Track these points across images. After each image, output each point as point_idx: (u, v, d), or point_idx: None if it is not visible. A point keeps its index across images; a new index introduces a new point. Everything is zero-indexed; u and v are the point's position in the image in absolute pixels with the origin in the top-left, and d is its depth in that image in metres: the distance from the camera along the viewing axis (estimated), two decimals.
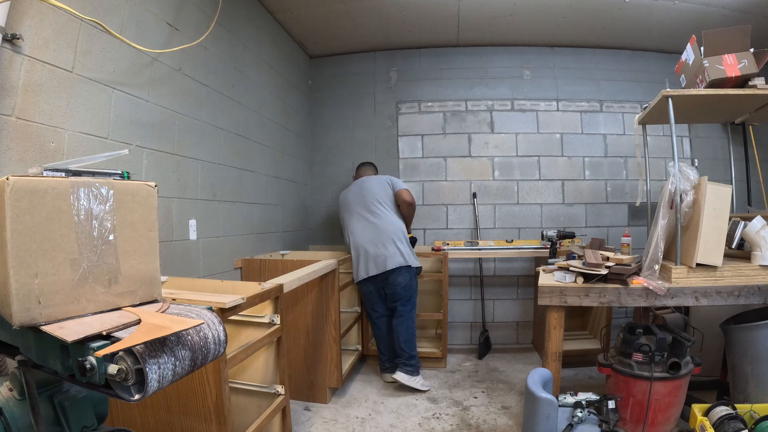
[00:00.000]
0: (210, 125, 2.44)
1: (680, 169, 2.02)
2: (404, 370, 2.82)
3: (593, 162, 3.84)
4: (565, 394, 1.98)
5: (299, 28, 3.48)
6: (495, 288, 3.86)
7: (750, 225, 2.04)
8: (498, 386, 2.94)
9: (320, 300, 2.65)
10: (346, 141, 4.00)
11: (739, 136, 3.54)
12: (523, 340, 3.86)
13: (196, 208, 2.31)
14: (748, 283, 1.98)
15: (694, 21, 3.17)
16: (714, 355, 2.55)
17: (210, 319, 0.90)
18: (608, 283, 2.06)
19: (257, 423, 1.67)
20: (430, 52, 3.93)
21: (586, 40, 3.73)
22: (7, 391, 0.92)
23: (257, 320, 1.86)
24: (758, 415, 1.85)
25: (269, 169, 3.18)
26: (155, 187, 1.00)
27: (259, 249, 3.01)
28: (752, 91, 2.07)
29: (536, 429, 1.73)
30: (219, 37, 2.49)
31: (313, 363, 2.68)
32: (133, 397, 0.72)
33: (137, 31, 1.86)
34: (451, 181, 3.89)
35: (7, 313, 0.76)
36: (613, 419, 1.84)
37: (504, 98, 3.89)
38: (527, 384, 1.82)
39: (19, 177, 0.76)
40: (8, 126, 1.33)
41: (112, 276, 0.90)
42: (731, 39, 2.10)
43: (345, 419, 2.46)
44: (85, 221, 0.85)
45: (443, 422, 2.42)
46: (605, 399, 1.91)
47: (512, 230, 3.84)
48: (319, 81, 4.06)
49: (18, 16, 1.35)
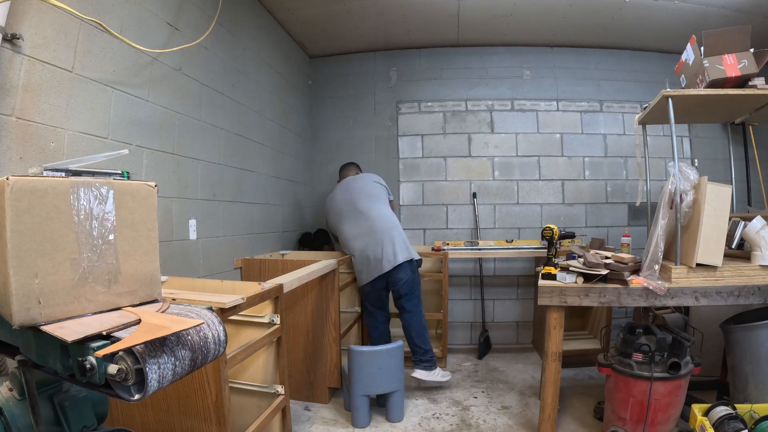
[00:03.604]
0: (210, 125, 2.44)
1: (680, 169, 2.02)
2: (422, 367, 2.79)
3: (593, 162, 3.84)
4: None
5: (299, 28, 3.48)
6: (495, 288, 3.85)
7: (750, 225, 2.03)
8: (498, 386, 2.94)
9: (320, 300, 2.65)
10: (346, 141, 4.00)
11: (739, 136, 3.54)
12: (523, 340, 3.86)
13: (196, 208, 2.31)
14: (748, 283, 1.98)
15: (694, 21, 3.17)
16: (714, 355, 2.55)
17: (210, 319, 0.90)
18: (608, 283, 2.06)
19: (257, 423, 1.67)
20: (430, 52, 3.93)
21: (586, 40, 3.73)
22: (7, 391, 0.92)
23: (257, 320, 1.86)
24: (758, 415, 1.85)
25: (269, 169, 3.18)
26: (155, 187, 1.00)
27: (259, 249, 3.01)
28: (752, 91, 2.07)
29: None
30: (219, 37, 2.49)
31: (313, 363, 2.68)
32: (133, 397, 0.72)
33: (137, 31, 1.86)
34: (451, 181, 3.89)
35: (7, 313, 0.76)
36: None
37: (504, 98, 3.89)
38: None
39: (19, 177, 0.76)
40: (8, 126, 1.33)
41: (112, 276, 0.90)
42: (731, 39, 2.10)
43: (345, 419, 2.46)
44: (85, 221, 0.85)
45: (443, 422, 2.42)
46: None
47: (512, 230, 3.84)
48: (319, 81, 4.06)
49: (18, 16, 1.34)
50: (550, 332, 2.09)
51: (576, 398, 2.68)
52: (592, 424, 2.35)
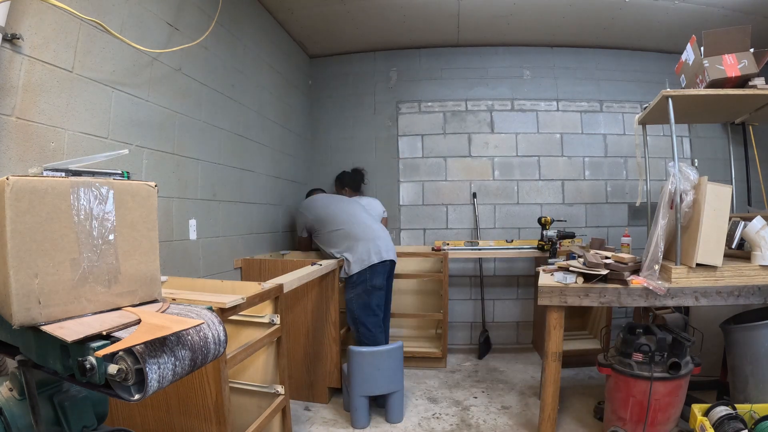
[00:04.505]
0: (210, 125, 2.44)
1: (680, 169, 2.02)
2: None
3: (593, 162, 3.84)
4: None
5: (299, 28, 3.48)
6: (495, 288, 3.85)
7: (750, 225, 2.03)
8: (498, 386, 2.94)
9: (320, 300, 2.65)
10: (346, 141, 4.00)
11: (739, 136, 3.54)
12: (523, 340, 3.86)
13: (196, 208, 2.30)
14: (748, 283, 1.98)
15: (694, 21, 3.16)
16: (714, 355, 2.55)
17: (210, 319, 0.90)
18: (608, 283, 2.06)
19: (257, 423, 1.67)
20: (430, 52, 3.93)
21: (586, 40, 3.73)
22: (7, 391, 0.92)
23: (257, 320, 1.86)
24: (758, 415, 1.85)
25: (269, 169, 3.18)
26: (155, 187, 1.00)
27: (259, 249, 3.01)
28: (752, 91, 2.07)
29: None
30: (219, 37, 2.49)
31: (313, 363, 2.68)
32: (133, 397, 0.72)
33: (137, 31, 1.86)
34: (451, 181, 3.89)
35: (7, 313, 0.76)
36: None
37: (504, 98, 3.89)
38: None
39: (19, 177, 0.76)
40: (8, 126, 1.33)
41: (112, 276, 0.90)
42: (731, 39, 2.10)
43: (345, 420, 2.46)
44: (85, 221, 0.85)
45: (443, 422, 2.42)
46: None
47: (512, 230, 3.84)
48: (319, 81, 4.06)
49: (18, 16, 1.34)
50: (550, 332, 2.09)
51: (576, 398, 2.68)
52: (592, 424, 2.35)
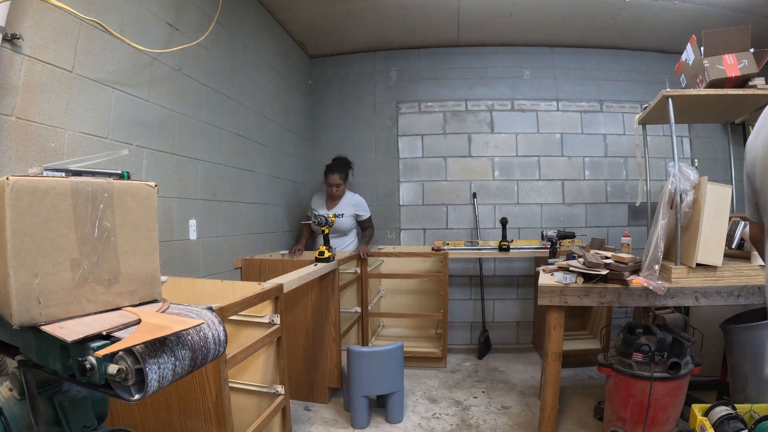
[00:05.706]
0: (210, 125, 2.44)
1: (680, 169, 2.02)
2: None
3: (593, 162, 3.84)
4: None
5: (299, 27, 3.48)
6: (495, 288, 3.85)
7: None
8: (498, 386, 2.94)
9: (320, 300, 2.65)
10: (346, 141, 4.00)
11: (739, 136, 3.52)
12: (523, 340, 3.86)
13: (196, 208, 2.30)
14: (748, 283, 1.98)
15: (694, 21, 3.16)
16: (714, 355, 2.55)
17: (210, 318, 0.90)
18: (608, 283, 2.06)
19: (257, 423, 1.67)
20: (430, 52, 3.93)
21: (586, 40, 3.73)
22: (7, 391, 0.92)
23: (257, 320, 1.86)
24: (758, 415, 1.85)
25: (269, 169, 3.18)
26: (155, 187, 1.00)
27: (259, 249, 3.01)
28: (752, 91, 2.07)
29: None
30: (219, 37, 2.49)
31: (313, 363, 2.68)
32: (133, 397, 0.72)
33: (137, 31, 1.86)
34: (451, 181, 3.89)
35: (7, 313, 0.76)
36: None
37: (504, 98, 3.89)
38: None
39: (19, 177, 0.75)
40: (8, 126, 1.33)
41: (112, 276, 0.89)
42: (731, 39, 2.10)
43: (345, 420, 2.46)
44: (85, 221, 0.85)
45: (443, 422, 2.42)
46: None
47: (512, 230, 3.83)
48: (319, 81, 4.05)
49: (18, 16, 1.34)
50: (550, 332, 2.09)
51: (576, 398, 2.68)
52: (592, 424, 2.35)
